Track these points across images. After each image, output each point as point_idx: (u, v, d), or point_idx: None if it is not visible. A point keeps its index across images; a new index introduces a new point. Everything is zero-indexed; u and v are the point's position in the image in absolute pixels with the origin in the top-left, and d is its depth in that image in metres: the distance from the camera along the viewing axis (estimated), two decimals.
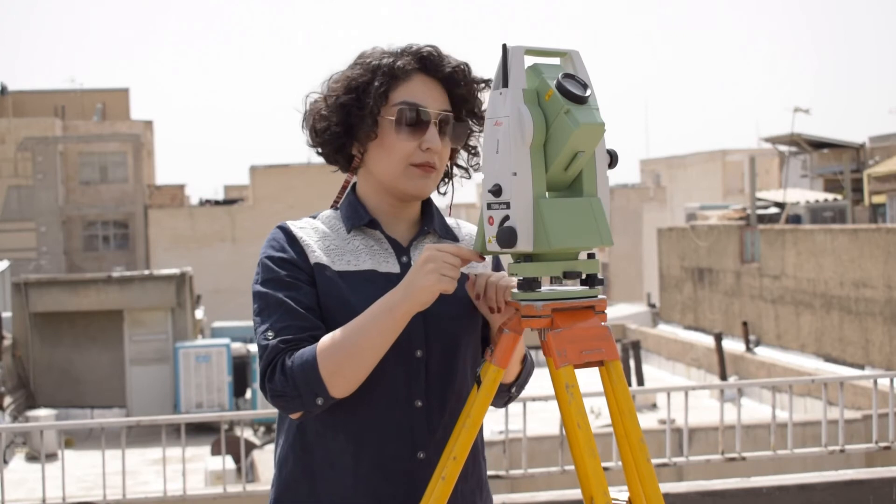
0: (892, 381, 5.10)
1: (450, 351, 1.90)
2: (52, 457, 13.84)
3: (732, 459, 5.02)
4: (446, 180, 2.03)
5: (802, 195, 28.15)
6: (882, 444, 5.06)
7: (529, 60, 1.80)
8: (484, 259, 1.83)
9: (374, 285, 1.87)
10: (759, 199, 27.10)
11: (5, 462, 15.92)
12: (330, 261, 1.89)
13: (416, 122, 1.87)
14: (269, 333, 1.81)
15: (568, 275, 1.79)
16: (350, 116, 1.88)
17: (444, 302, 1.88)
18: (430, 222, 1.98)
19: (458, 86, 1.91)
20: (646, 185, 48.24)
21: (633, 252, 41.06)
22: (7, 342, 20.63)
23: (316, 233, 1.93)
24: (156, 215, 35.22)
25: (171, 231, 34.74)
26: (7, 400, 19.29)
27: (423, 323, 1.87)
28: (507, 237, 1.74)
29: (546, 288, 1.85)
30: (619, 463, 1.67)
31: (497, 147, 1.77)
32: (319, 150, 1.96)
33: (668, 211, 43.25)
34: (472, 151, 2.00)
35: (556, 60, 1.84)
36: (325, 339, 1.78)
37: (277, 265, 1.86)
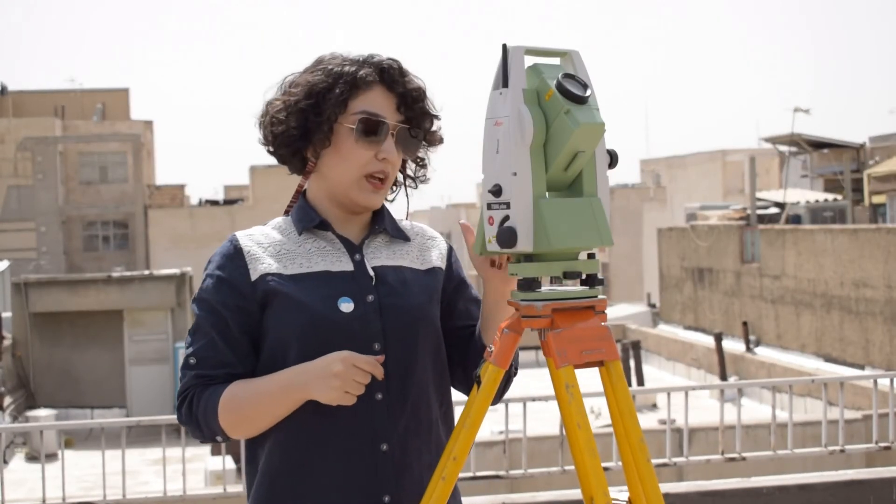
0: (892, 381, 5.10)
1: (408, 343, 1.91)
2: (52, 457, 13.83)
3: (732, 459, 5.02)
4: (394, 188, 2.06)
5: (802, 195, 28.16)
6: (882, 445, 5.06)
7: (529, 60, 1.80)
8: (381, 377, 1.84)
9: (327, 285, 1.89)
10: (760, 199, 27.10)
11: (5, 462, 15.92)
12: (282, 266, 1.91)
13: (374, 132, 1.90)
14: (192, 360, 1.89)
15: (568, 275, 1.78)
16: (307, 121, 1.90)
17: (401, 294, 1.92)
18: (382, 222, 2.00)
19: (412, 105, 1.93)
20: (646, 185, 48.21)
21: (633, 252, 41.05)
22: (7, 342, 20.63)
23: (266, 239, 1.95)
24: (156, 215, 35.22)
25: (170, 231, 34.74)
26: (7, 400, 19.29)
27: (380, 317, 1.89)
28: (507, 237, 1.74)
29: (546, 288, 1.85)
30: (619, 463, 1.67)
31: (497, 147, 1.76)
32: (271, 149, 1.98)
33: (668, 211, 43.23)
34: (420, 163, 2.03)
35: (556, 60, 1.84)
36: (229, 395, 1.85)
37: (215, 286, 1.90)
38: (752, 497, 4.63)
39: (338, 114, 1.89)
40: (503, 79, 1.76)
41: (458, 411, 1.97)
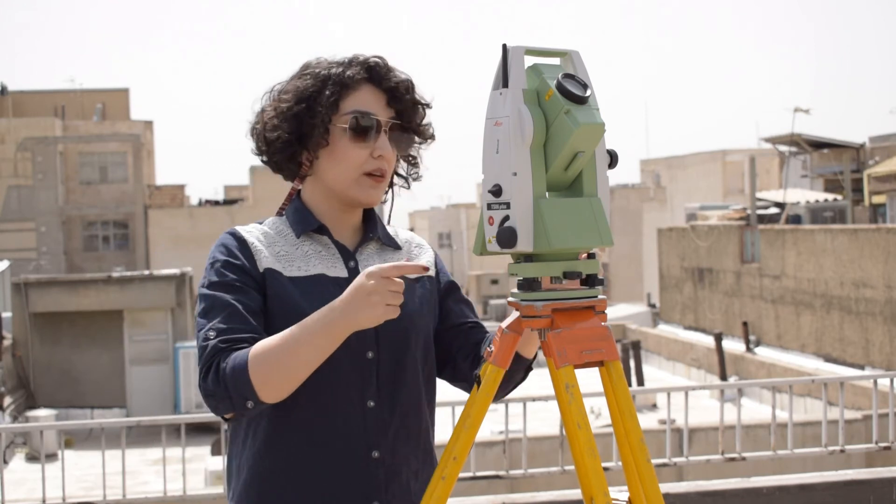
0: (892, 381, 5.10)
1: (400, 351, 1.92)
2: (52, 457, 13.84)
3: (732, 459, 5.02)
4: (387, 188, 2.05)
5: (802, 195, 28.16)
6: (882, 445, 5.06)
7: (529, 60, 1.80)
8: (428, 270, 1.80)
9: (324, 289, 1.89)
10: (759, 199, 27.11)
11: (5, 462, 15.92)
12: (281, 267, 1.91)
13: (368, 129, 1.90)
14: (211, 333, 1.81)
15: (568, 275, 1.78)
16: (302, 125, 1.91)
17: None
18: (374, 229, 2.01)
19: (401, 99, 1.94)
20: (646, 185, 48.21)
21: (633, 252, 41.05)
22: (7, 342, 20.63)
23: (266, 238, 1.95)
24: (156, 215, 35.23)
25: (170, 231, 34.75)
26: (7, 400, 19.29)
27: None
28: (507, 237, 1.74)
29: (546, 288, 1.84)
30: (619, 463, 1.67)
31: (497, 147, 1.76)
32: (265, 158, 1.98)
33: (668, 211, 43.24)
34: (412, 162, 2.04)
35: (556, 60, 1.84)
36: (259, 346, 1.77)
37: (227, 269, 1.87)
38: (752, 497, 4.63)
39: (331, 115, 1.90)
40: (503, 79, 1.76)
41: (458, 412, 1.97)
